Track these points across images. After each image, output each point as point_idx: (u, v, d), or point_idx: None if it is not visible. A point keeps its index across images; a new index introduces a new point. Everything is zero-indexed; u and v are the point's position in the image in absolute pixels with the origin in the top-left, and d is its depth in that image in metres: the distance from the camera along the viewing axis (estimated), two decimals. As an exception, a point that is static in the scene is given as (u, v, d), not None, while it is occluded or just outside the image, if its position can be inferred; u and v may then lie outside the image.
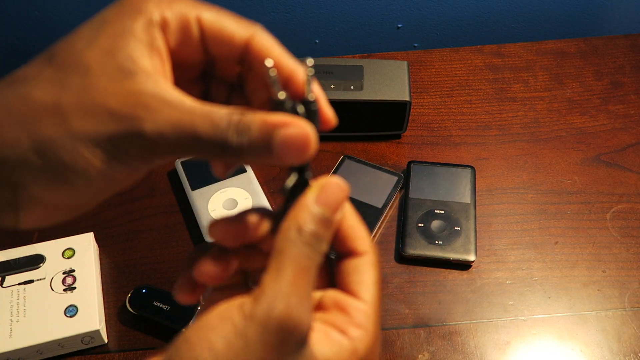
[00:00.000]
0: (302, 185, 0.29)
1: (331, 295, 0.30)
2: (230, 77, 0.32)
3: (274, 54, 0.29)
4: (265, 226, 0.30)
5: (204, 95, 0.33)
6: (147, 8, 0.27)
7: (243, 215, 0.30)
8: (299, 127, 0.26)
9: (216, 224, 0.30)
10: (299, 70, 0.29)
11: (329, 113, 0.29)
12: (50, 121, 0.25)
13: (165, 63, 0.28)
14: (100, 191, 0.27)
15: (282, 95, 0.27)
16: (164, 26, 0.28)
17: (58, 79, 0.26)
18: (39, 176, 0.26)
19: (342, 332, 0.29)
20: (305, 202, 0.28)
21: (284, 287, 0.26)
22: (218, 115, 0.26)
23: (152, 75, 0.26)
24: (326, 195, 0.28)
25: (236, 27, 0.29)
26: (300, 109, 0.27)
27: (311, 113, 0.28)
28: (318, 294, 0.31)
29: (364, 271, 0.31)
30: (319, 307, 0.30)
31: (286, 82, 0.29)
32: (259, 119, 0.26)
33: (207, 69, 0.31)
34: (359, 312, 0.30)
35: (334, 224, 0.29)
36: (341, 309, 0.30)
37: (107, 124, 0.25)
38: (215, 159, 0.28)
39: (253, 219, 0.30)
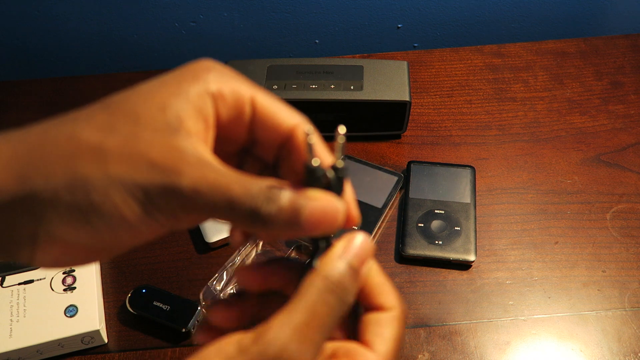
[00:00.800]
0: (327, 244, 0.30)
1: (347, 346, 0.30)
2: (267, 157, 0.33)
3: (315, 146, 0.30)
4: (290, 276, 0.31)
5: (237, 167, 0.33)
6: (206, 77, 0.29)
7: (270, 264, 0.31)
8: (327, 201, 0.27)
9: (242, 270, 0.31)
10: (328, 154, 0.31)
11: (354, 212, 0.31)
12: (90, 161, 0.26)
13: (210, 130, 0.29)
14: (120, 240, 0.27)
15: (316, 162, 0.28)
16: (218, 97, 0.29)
17: (107, 124, 0.26)
18: (63, 213, 0.26)
19: None
20: (333, 253, 0.29)
21: (287, 330, 0.26)
22: (251, 181, 0.27)
23: (193, 137, 0.27)
24: (353, 246, 0.29)
25: (286, 115, 0.30)
26: (330, 173, 0.29)
27: (339, 180, 0.29)
28: (335, 344, 0.31)
29: (385, 325, 0.30)
30: (332, 356, 0.30)
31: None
32: (289, 189, 0.27)
33: (247, 145, 0.32)
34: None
35: (360, 276, 0.29)
36: (349, 357, 0.29)
37: (145, 173, 0.26)
38: (243, 226, 0.29)
39: (280, 268, 0.31)
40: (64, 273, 0.62)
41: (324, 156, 0.30)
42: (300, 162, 0.30)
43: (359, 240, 0.29)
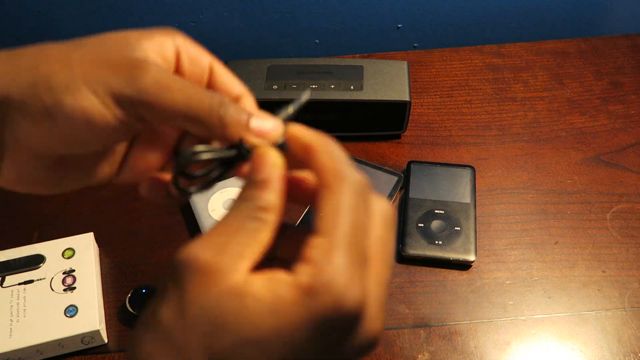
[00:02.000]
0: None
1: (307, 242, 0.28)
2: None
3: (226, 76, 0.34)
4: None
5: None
6: (174, 34, 0.32)
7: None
8: (271, 118, 0.30)
9: None
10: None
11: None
12: (54, 63, 0.28)
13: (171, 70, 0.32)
14: (84, 141, 0.29)
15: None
16: (182, 50, 0.32)
17: (74, 44, 0.29)
18: (28, 113, 0.28)
19: (288, 270, 0.26)
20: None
21: (203, 236, 0.27)
22: (206, 90, 0.29)
23: (156, 63, 0.30)
24: (259, 160, 0.29)
25: (235, 84, 0.34)
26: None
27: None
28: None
29: (325, 202, 0.27)
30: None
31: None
32: (238, 105, 0.30)
33: None
34: (311, 247, 0.26)
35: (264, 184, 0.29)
36: (304, 257, 0.26)
37: (108, 72, 0.28)
38: (192, 127, 0.30)
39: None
40: (64, 273, 0.62)
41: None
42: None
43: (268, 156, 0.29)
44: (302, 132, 0.30)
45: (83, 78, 0.28)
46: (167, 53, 0.31)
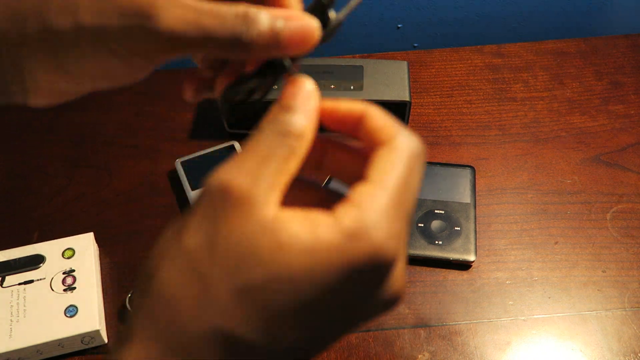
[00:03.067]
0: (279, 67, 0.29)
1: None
2: None
3: None
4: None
5: None
6: None
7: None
8: (303, 20, 0.27)
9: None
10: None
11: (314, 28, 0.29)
12: (59, 12, 0.26)
13: None
14: (99, 82, 0.29)
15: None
16: None
17: None
18: (41, 63, 0.27)
19: (328, 211, 0.25)
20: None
21: (234, 162, 0.26)
22: (225, 10, 0.27)
23: None
24: (288, 90, 0.28)
25: None
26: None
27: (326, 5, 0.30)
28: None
29: (381, 156, 0.27)
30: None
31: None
32: (265, 12, 0.27)
33: None
34: (357, 192, 0.25)
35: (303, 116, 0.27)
36: (349, 198, 0.26)
37: (117, 20, 0.26)
38: (223, 54, 0.28)
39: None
40: (64, 273, 0.62)
41: None
42: None
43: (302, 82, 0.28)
44: (344, 104, 0.29)
45: (92, 31, 0.26)
46: None
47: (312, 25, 0.28)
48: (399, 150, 0.27)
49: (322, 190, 0.31)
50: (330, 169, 0.31)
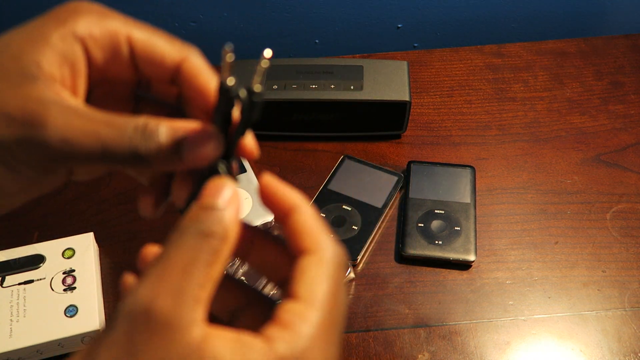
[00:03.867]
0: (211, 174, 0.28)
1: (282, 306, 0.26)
2: (169, 98, 0.31)
3: (204, 77, 0.29)
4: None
5: (135, 112, 0.32)
6: (74, 20, 0.27)
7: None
8: (204, 132, 0.26)
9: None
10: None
11: (251, 144, 0.29)
12: None
13: (79, 76, 0.27)
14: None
15: (231, 81, 0.26)
16: (90, 41, 0.27)
17: None
18: None
19: (257, 333, 0.23)
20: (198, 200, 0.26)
21: (153, 276, 0.23)
22: (125, 121, 0.25)
23: (55, 84, 0.26)
24: (210, 190, 0.26)
25: (168, 48, 0.29)
26: (243, 94, 0.26)
27: (253, 104, 0.26)
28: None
29: (308, 269, 0.25)
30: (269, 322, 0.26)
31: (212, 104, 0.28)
32: (166, 123, 0.26)
33: (142, 88, 0.31)
34: (288, 312, 0.24)
35: (224, 219, 0.25)
36: (270, 314, 0.24)
37: (3, 129, 0.24)
38: (125, 169, 0.27)
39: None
40: (64, 273, 0.62)
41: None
42: (195, 94, 0.29)
43: (216, 181, 0.26)
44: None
45: None
46: (71, 55, 0.26)
47: (212, 137, 0.26)
48: (326, 264, 0.25)
49: (249, 289, 0.29)
50: (255, 262, 0.29)
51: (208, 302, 0.24)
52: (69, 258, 0.63)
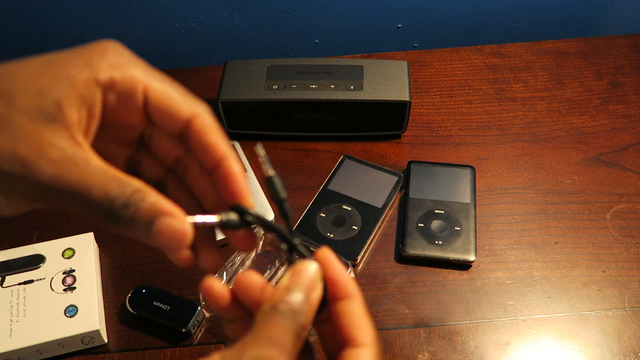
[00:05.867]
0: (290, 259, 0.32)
1: None
2: (168, 158, 0.33)
3: (212, 136, 0.30)
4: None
5: (134, 166, 0.33)
6: (99, 63, 0.28)
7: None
8: (180, 222, 0.27)
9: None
10: (230, 155, 0.31)
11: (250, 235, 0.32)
12: None
13: (94, 119, 0.28)
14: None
15: (272, 172, 0.31)
16: (109, 86, 0.28)
17: None
18: None
19: None
20: (280, 284, 0.30)
21: (249, 348, 0.27)
22: (116, 183, 0.27)
23: (70, 127, 0.27)
24: (298, 276, 0.30)
25: (182, 103, 0.30)
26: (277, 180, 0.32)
27: (272, 186, 0.32)
28: None
29: (352, 308, 0.31)
30: None
31: (217, 165, 0.30)
32: (151, 200, 0.27)
33: (144, 134, 0.32)
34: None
35: (310, 300, 0.30)
36: None
37: (6, 163, 0.26)
38: (98, 221, 0.29)
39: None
40: (64, 273, 0.62)
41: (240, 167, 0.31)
42: (202, 150, 0.30)
43: (305, 267, 0.30)
44: (342, 274, 0.31)
45: None
46: (90, 98, 0.28)
47: (184, 229, 0.28)
48: (361, 303, 0.31)
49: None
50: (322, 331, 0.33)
51: None
52: (69, 258, 0.63)
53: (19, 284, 0.61)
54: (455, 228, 0.67)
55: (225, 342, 0.28)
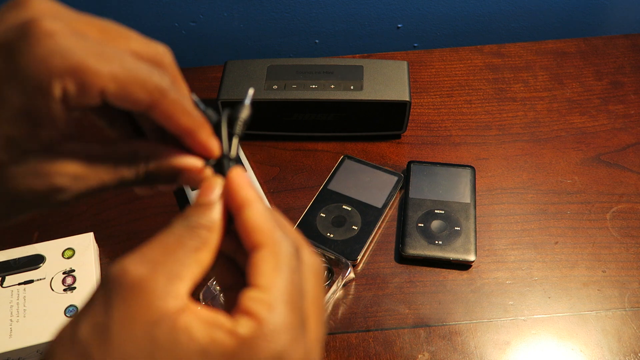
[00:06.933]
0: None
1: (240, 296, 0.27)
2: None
3: (177, 119, 0.31)
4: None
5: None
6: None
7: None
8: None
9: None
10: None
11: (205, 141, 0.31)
12: None
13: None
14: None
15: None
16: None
17: None
18: None
19: (227, 315, 0.26)
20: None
21: (136, 252, 0.26)
22: (124, 170, 0.29)
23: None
24: (201, 189, 0.29)
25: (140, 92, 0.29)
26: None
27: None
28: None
29: (263, 262, 0.27)
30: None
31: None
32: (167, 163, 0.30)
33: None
34: (249, 300, 0.26)
35: (209, 207, 0.28)
36: (241, 306, 0.26)
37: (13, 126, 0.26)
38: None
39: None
40: (64, 273, 0.62)
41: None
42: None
43: (209, 178, 0.30)
44: (239, 185, 0.29)
45: None
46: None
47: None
48: (280, 256, 0.27)
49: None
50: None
51: (192, 281, 0.26)
52: (69, 258, 0.63)
53: (19, 284, 0.61)
54: (455, 228, 0.67)
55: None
